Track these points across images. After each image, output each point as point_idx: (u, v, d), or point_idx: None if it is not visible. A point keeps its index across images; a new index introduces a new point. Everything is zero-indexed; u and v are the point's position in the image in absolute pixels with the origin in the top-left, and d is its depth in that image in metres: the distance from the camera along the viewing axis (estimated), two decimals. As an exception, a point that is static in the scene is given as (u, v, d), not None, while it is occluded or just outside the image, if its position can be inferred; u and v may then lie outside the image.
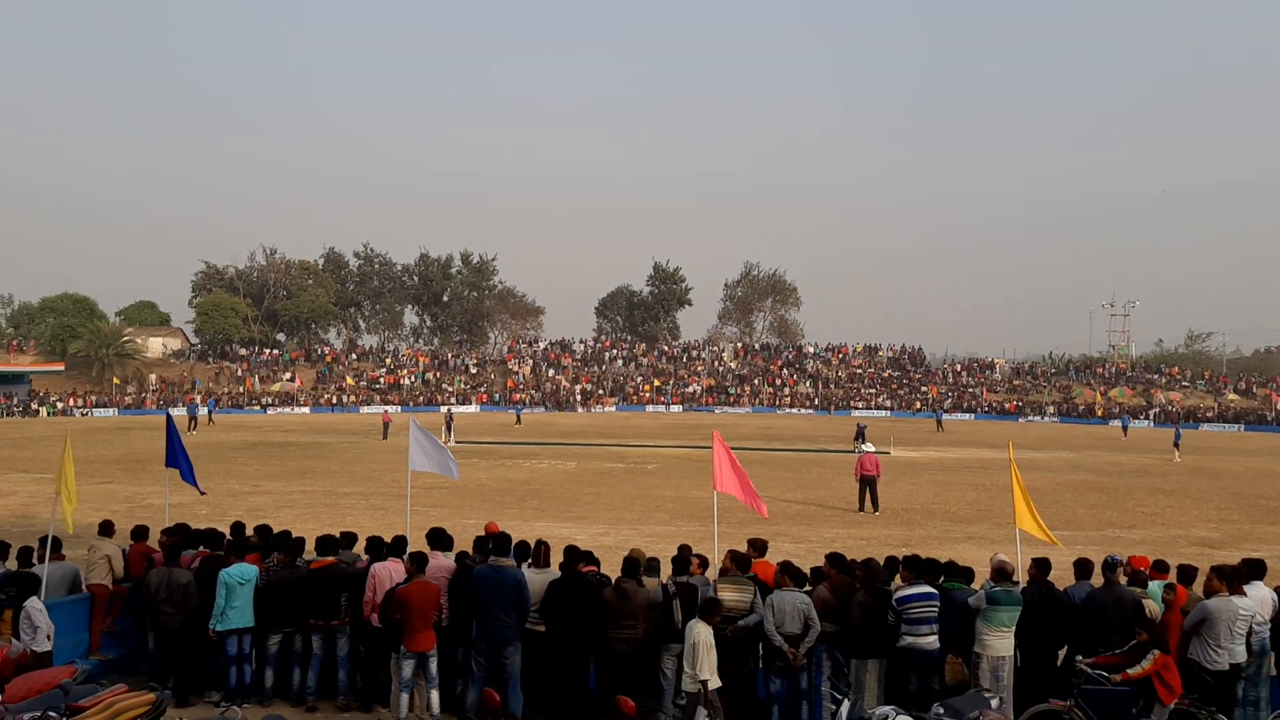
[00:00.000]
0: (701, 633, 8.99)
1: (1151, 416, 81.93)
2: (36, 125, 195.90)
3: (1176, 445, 46.03)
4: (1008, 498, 12.73)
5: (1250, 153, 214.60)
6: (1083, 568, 10.59)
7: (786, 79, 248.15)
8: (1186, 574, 10.38)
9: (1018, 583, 10.34)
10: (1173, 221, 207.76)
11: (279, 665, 10.81)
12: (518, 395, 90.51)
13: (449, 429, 50.13)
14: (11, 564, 11.60)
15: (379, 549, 11.10)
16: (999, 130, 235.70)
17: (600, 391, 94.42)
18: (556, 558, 10.77)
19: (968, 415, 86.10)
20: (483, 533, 11.38)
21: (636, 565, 10.23)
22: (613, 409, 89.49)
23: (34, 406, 77.22)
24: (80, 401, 79.61)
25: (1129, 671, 8.90)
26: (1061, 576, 10.77)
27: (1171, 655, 9.23)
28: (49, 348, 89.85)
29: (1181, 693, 8.88)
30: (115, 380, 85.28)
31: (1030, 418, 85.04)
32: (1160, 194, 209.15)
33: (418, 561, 10.05)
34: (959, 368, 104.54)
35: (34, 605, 9.70)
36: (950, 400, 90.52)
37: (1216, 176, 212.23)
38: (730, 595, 10.22)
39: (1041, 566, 10.38)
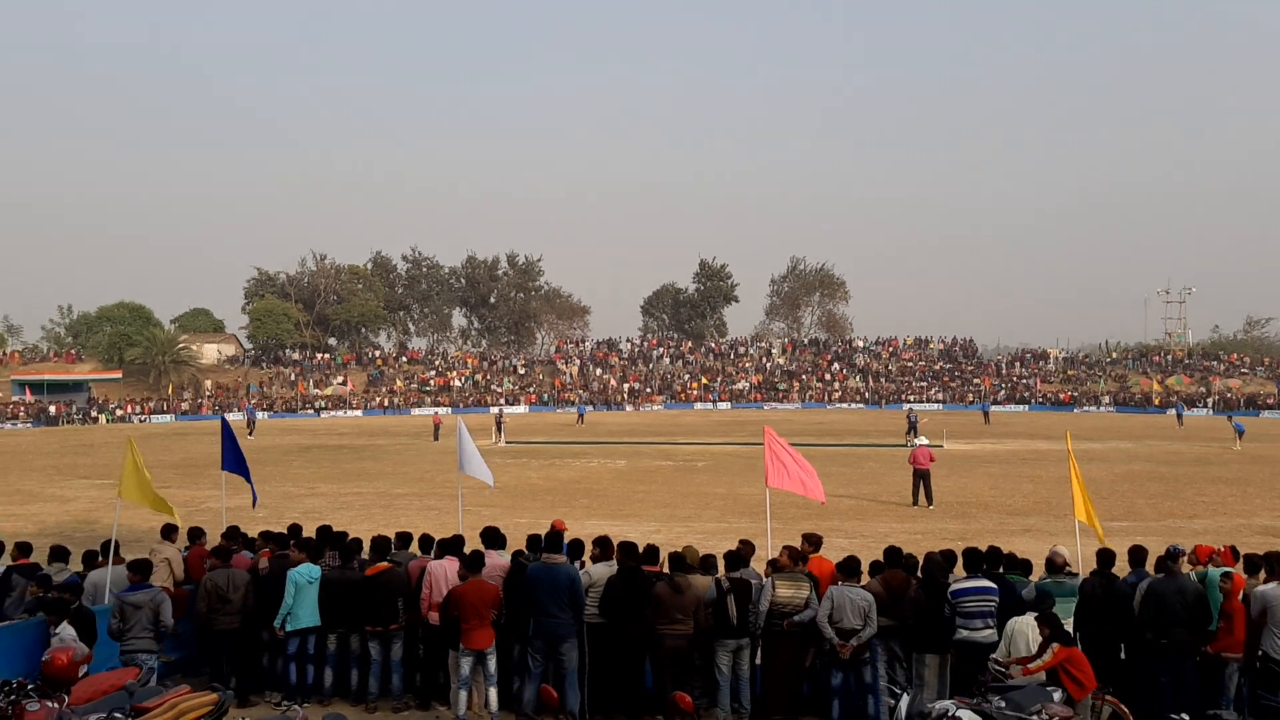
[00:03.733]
0: (1025, 624, 8.88)
1: (1210, 405, 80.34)
2: (92, 142, 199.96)
3: (1238, 434, 44.89)
4: (1065, 490, 12.56)
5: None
6: (1138, 555, 10.38)
7: (828, 71, 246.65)
8: (1252, 564, 10.16)
9: (1075, 574, 10.18)
10: (1229, 205, 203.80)
11: (337, 665, 10.92)
12: (570, 394, 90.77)
13: (499, 430, 50.44)
14: (76, 566, 11.84)
15: (431, 547, 11.22)
16: (1049, 114, 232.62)
17: (648, 390, 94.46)
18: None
19: (1021, 407, 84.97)
20: (539, 531, 11.38)
21: (684, 561, 10.22)
22: (660, 407, 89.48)
23: (93, 414, 78.78)
24: (138, 408, 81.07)
25: (1029, 666, 8.66)
26: (1124, 568, 10.57)
27: (1235, 639, 8.91)
28: (107, 356, 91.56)
29: (1095, 686, 8.57)
30: (170, 387, 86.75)
31: (1085, 408, 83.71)
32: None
33: (473, 561, 10.08)
34: (1011, 359, 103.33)
35: (66, 632, 9.38)
36: (1003, 392, 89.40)
37: (1274, 156, 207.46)
38: (785, 591, 10.17)
39: (1104, 558, 10.21)
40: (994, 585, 9.98)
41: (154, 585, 10.43)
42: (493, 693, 9.84)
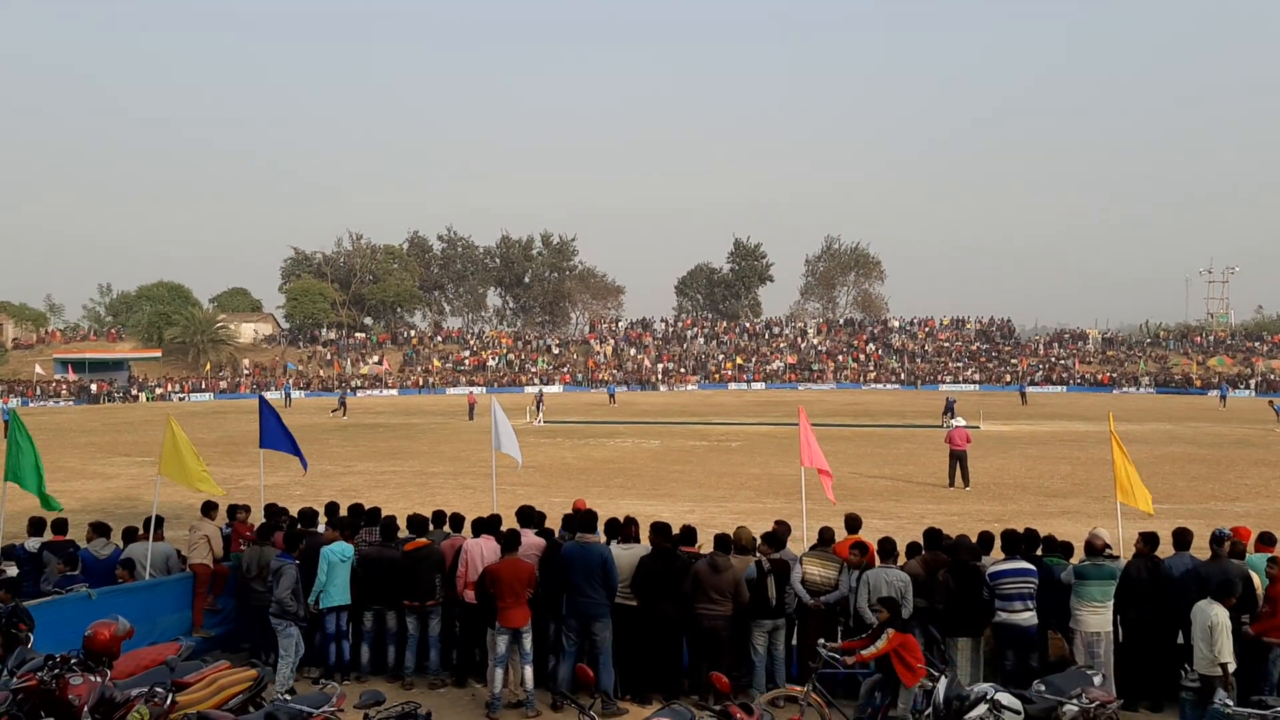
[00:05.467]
0: (1219, 615, 8.69)
1: (1253, 386, 79.08)
2: (134, 114, 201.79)
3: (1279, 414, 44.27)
4: (1105, 471, 12.40)
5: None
6: (1182, 538, 10.22)
7: (862, 50, 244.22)
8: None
9: (1115, 557, 10.06)
10: (1272, 182, 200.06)
11: (374, 642, 11.00)
12: (603, 374, 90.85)
13: (539, 408, 50.72)
14: (118, 541, 12.00)
15: (460, 526, 11.33)
16: (1088, 94, 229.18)
17: (682, 370, 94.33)
18: (645, 535, 10.77)
19: (1059, 388, 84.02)
20: (570, 510, 11.40)
21: (728, 541, 10.21)
22: (694, 387, 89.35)
23: (134, 392, 79.79)
24: (177, 387, 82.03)
25: (863, 653, 8.52)
26: (1167, 551, 10.42)
27: (1278, 623, 8.77)
28: (146, 335, 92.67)
29: (925, 674, 8.43)
30: (208, 366, 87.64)
31: (1125, 389, 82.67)
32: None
33: (509, 540, 10.11)
34: (1050, 339, 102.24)
35: None
36: (1041, 372, 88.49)
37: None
38: (815, 570, 10.20)
39: (1149, 541, 10.08)
40: (1032, 567, 9.90)
41: (290, 555, 10.64)
42: (528, 671, 9.87)
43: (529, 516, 11.18)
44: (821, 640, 9.34)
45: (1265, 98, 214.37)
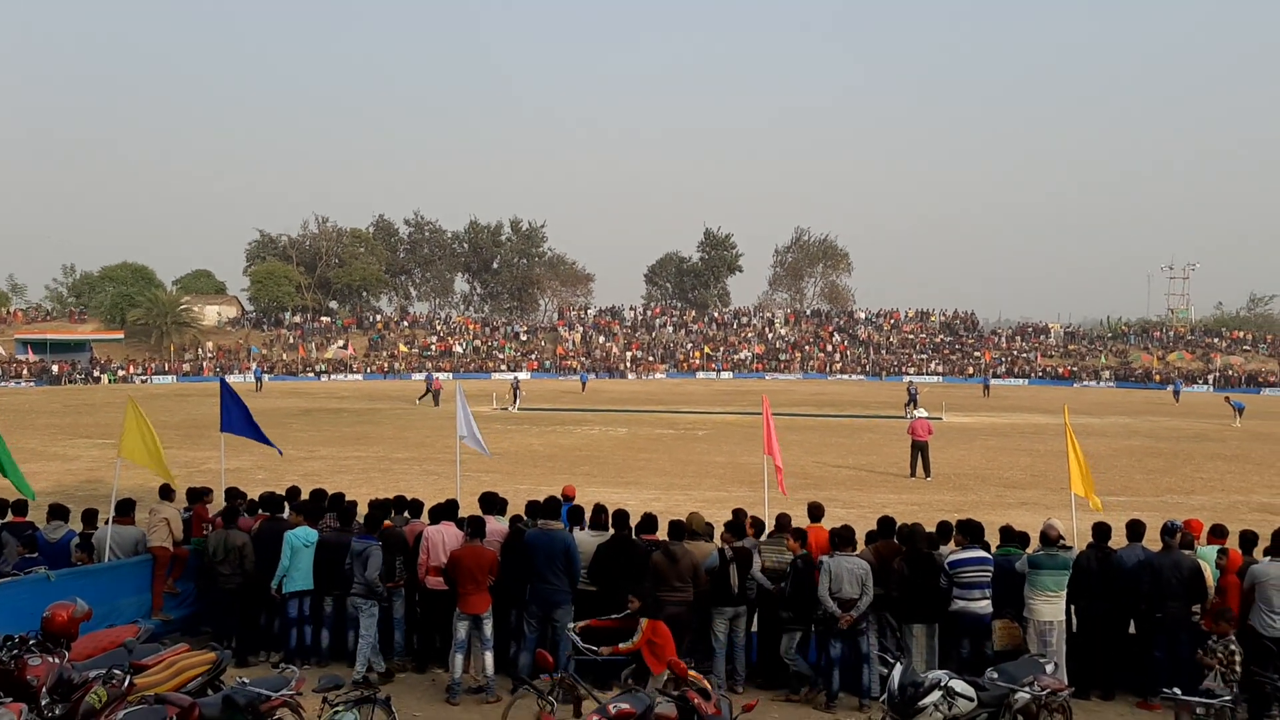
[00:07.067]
0: None
1: (1211, 381, 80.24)
2: (93, 95, 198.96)
3: (1239, 412, 44.84)
4: (1062, 463, 12.58)
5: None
6: (1135, 529, 10.42)
7: (837, 45, 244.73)
8: (1248, 540, 10.21)
9: (1069, 547, 10.22)
10: (1233, 180, 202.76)
11: (334, 627, 10.99)
12: (572, 362, 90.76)
13: (515, 396, 50.68)
14: (76, 526, 11.91)
15: (419, 512, 11.38)
16: (1054, 90, 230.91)
17: (650, 358, 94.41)
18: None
19: (1021, 380, 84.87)
20: (538, 498, 11.37)
21: (683, 528, 10.28)
22: (663, 376, 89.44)
23: (96, 374, 78.84)
24: (140, 369, 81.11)
25: (620, 646, 8.63)
26: (1120, 542, 10.61)
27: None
28: (109, 316, 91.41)
29: (674, 659, 8.38)
30: (171, 348, 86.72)
31: (1086, 383, 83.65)
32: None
33: (475, 526, 10.13)
34: (1013, 332, 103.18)
35: None
36: (1003, 365, 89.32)
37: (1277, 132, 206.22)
38: (773, 557, 10.27)
39: (1101, 532, 10.25)
40: (989, 556, 10.06)
41: (372, 537, 10.58)
42: (488, 656, 9.90)
43: (491, 503, 11.20)
44: (571, 625, 9.54)
45: (1226, 98, 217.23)
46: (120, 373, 79.67)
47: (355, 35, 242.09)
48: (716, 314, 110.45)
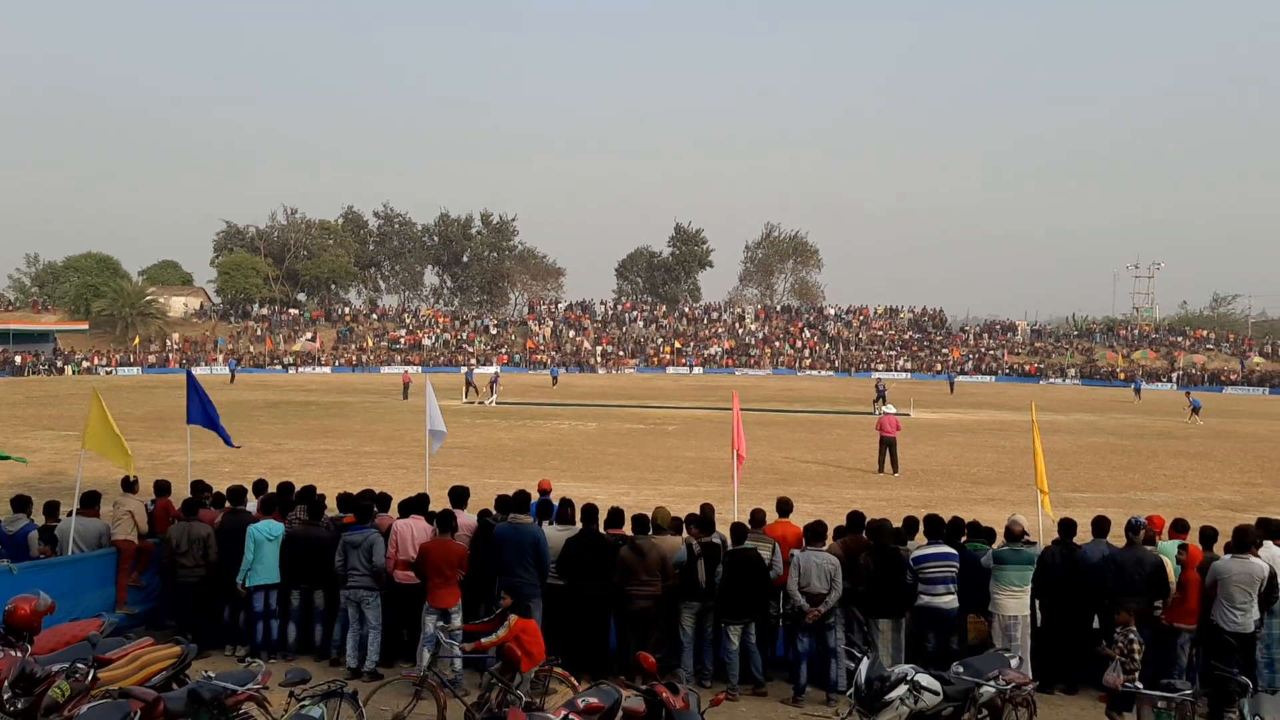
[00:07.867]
0: None
1: (1174, 379, 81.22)
2: (63, 82, 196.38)
3: (1195, 411, 45.39)
4: (1028, 460, 12.70)
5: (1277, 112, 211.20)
6: (1100, 526, 10.54)
7: (804, 39, 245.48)
8: (1208, 536, 10.33)
9: (1034, 543, 10.32)
10: (1198, 182, 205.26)
11: (301, 621, 10.93)
12: (542, 356, 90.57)
13: (493, 389, 50.74)
14: (38, 518, 11.77)
15: (387, 505, 11.36)
16: (1024, 89, 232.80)
17: (620, 353, 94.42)
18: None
19: (988, 378, 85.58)
20: (508, 492, 11.34)
21: (648, 523, 10.29)
22: (633, 370, 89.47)
23: (59, 365, 77.90)
24: (104, 360, 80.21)
25: (482, 640, 8.73)
26: (1084, 537, 10.72)
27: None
28: (73, 307, 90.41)
29: (544, 658, 8.62)
30: (137, 339, 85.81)
31: (1051, 380, 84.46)
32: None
33: (445, 520, 10.10)
34: (980, 330, 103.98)
35: None
36: (971, 362, 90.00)
37: (1243, 135, 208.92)
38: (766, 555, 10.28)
39: (1065, 527, 10.36)
40: (954, 551, 10.13)
41: (372, 526, 10.49)
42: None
43: (460, 497, 11.17)
44: (441, 624, 9.55)
45: (1194, 97, 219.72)
46: (84, 364, 78.75)
47: (326, 26, 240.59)
48: (687, 309, 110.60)
